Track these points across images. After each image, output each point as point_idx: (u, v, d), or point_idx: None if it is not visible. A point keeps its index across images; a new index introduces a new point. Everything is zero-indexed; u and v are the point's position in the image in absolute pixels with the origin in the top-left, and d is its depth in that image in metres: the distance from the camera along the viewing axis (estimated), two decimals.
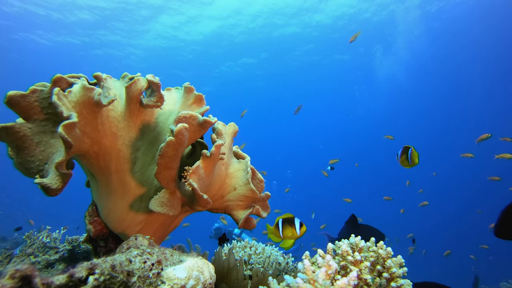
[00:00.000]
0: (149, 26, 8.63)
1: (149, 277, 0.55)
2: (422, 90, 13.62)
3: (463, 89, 12.91)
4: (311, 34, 9.58)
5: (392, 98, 14.39)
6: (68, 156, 0.63)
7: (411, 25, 8.98)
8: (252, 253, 1.33)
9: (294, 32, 9.49)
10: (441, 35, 9.74)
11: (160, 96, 0.78)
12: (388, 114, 15.36)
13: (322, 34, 9.59)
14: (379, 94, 14.05)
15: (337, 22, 8.97)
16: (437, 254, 5.76)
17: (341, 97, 14.63)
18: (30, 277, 0.38)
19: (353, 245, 0.73)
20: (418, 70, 12.01)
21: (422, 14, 8.65)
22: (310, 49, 10.45)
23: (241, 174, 0.89)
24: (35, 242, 1.52)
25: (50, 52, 9.41)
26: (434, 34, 9.70)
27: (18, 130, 0.71)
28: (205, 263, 0.63)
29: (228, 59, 10.93)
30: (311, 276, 0.49)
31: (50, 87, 0.73)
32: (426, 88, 13.40)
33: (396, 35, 9.73)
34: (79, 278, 0.45)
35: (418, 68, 11.86)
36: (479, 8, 8.34)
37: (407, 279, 0.65)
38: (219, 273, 0.91)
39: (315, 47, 10.37)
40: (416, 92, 13.77)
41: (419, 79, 12.70)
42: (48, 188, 0.63)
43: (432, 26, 9.20)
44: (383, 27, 9.15)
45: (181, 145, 0.68)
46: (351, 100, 14.92)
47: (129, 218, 0.80)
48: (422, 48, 10.38)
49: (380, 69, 11.66)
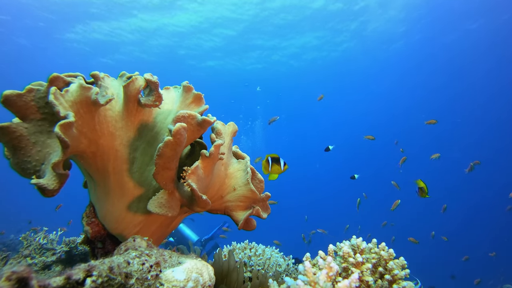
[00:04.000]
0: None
1: (147, 279, 0.54)
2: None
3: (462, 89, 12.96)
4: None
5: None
6: (65, 156, 0.62)
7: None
8: (252, 254, 1.32)
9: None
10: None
11: (158, 95, 0.77)
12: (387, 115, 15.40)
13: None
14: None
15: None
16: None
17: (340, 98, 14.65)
18: (27, 279, 0.38)
19: (355, 247, 0.72)
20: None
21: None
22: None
23: (240, 175, 0.88)
24: (31, 244, 1.51)
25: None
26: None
27: (14, 130, 0.70)
28: (204, 265, 0.62)
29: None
30: (312, 278, 0.48)
31: (46, 86, 0.72)
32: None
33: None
34: (77, 280, 0.45)
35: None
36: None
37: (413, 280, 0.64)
38: (218, 275, 0.90)
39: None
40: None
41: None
42: (45, 189, 0.61)
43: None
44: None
45: (179, 145, 0.67)
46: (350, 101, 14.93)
47: (127, 219, 0.79)
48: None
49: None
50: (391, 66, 11.39)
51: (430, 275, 7.06)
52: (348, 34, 9.30)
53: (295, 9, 8.08)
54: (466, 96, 12.89)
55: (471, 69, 11.09)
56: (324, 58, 10.78)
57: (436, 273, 7.70)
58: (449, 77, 11.86)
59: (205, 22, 8.62)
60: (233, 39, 9.44)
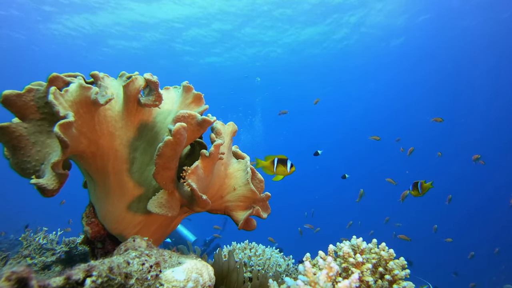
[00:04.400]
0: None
1: (147, 279, 0.54)
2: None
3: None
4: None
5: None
6: (64, 156, 0.62)
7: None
8: (252, 255, 1.32)
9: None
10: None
11: (158, 95, 0.77)
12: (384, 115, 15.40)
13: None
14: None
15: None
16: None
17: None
18: (26, 279, 0.37)
19: (355, 247, 0.72)
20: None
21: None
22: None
23: (240, 174, 0.88)
24: (31, 244, 1.51)
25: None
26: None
27: (14, 130, 0.70)
28: (204, 265, 0.62)
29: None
30: (312, 278, 0.48)
31: (46, 86, 0.71)
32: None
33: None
34: (76, 280, 0.44)
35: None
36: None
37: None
38: (218, 275, 0.90)
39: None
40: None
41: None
42: (44, 189, 0.61)
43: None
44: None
45: (179, 145, 0.67)
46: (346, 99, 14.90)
47: (127, 219, 0.79)
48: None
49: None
50: (391, 63, 11.38)
51: (432, 274, 7.07)
52: (347, 29, 9.29)
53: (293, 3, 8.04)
54: (465, 94, 12.88)
55: (471, 66, 11.08)
56: (323, 54, 10.77)
57: (437, 272, 7.71)
58: (448, 75, 11.86)
59: (203, 18, 8.59)
60: (228, 32, 9.39)
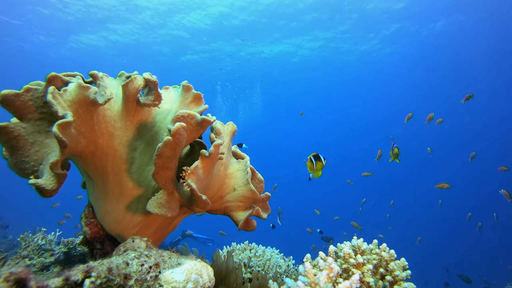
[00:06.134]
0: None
1: (146, 280, 0.54)
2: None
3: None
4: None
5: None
6: (63, 156, 0.61)
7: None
8: (252, 255, 1.31)
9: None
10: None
11: (157, 94, 0.77)
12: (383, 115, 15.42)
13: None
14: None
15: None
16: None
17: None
18: (25, 280, 0.37)
19: (356, 248, 0.71)
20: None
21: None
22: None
23: (240, 174, 0.87)
24: (30, 244, 1.50)
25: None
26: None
27: (12, 130, 0.70)
28: (203, 266, 0.62)
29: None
30: (312, 279, 0.48)
31: (44, 86, 0.71)
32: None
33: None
34: (75, 281, 0.44)
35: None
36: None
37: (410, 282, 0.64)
38: (218, 276, 0.90)
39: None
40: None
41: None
42: (43, 189, 0.61)
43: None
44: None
45: (179, 145, 0.66)
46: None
47: (126, 220, 0.78)
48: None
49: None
50: (391, 63, 11.38)
51: (432, 273, 7.07)
52: (345, 28, 9.28)
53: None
54: (465, 93, 12.87)
55: (470, 66, 11.09)
56: (320, 55, 10.77)
57: (437, 272, 7.71)
58: (448, 75, 11.87)
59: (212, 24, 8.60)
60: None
